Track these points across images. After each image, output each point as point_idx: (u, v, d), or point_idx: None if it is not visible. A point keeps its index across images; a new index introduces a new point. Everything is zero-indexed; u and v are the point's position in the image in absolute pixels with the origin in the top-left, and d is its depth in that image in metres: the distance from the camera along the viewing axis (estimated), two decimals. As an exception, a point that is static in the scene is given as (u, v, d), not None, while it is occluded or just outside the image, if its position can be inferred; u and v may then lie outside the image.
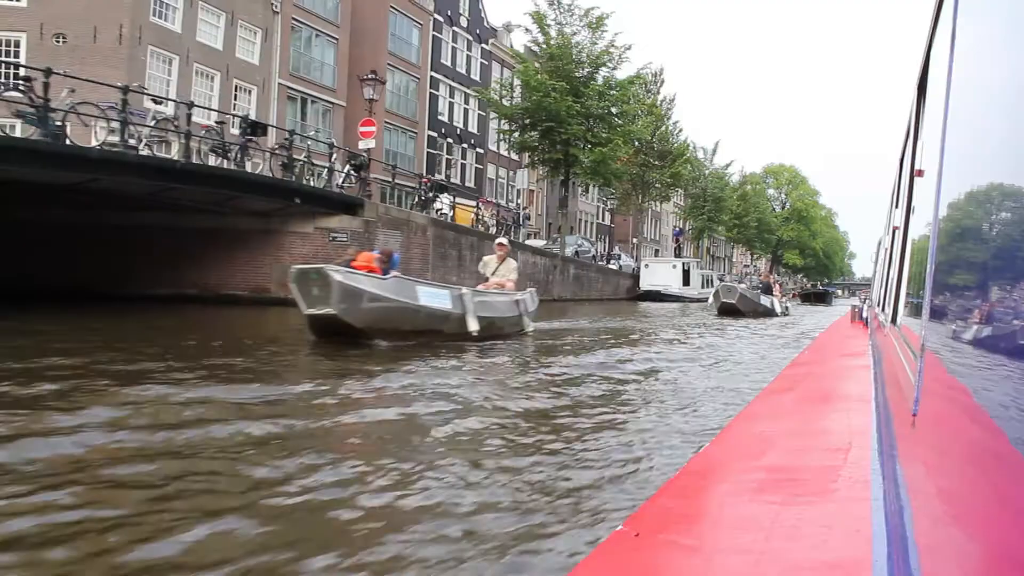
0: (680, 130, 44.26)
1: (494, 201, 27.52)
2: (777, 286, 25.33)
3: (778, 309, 22.89)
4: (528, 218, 29.52)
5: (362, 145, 21.04)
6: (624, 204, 45.70)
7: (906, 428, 1.30)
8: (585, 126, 30.06)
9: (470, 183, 39.95)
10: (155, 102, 14.09)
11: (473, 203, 27.07)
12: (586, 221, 54.11)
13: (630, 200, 44.08)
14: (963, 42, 1.21)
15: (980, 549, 0.64)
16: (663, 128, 42.33)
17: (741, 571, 1.26)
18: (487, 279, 10.55)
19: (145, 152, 13.00)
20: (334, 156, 18.25)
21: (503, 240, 11.40)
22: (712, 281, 43.84)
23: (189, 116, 14.21)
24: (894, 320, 2.83)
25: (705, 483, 1.94)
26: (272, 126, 21.06)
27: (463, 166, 40.16)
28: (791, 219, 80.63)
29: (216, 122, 16.34)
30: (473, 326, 8.92)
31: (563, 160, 30.22)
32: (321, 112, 31.23)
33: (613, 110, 32.26)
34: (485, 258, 11.09)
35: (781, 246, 79.98)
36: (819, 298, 53.78)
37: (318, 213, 17.09)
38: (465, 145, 39.88)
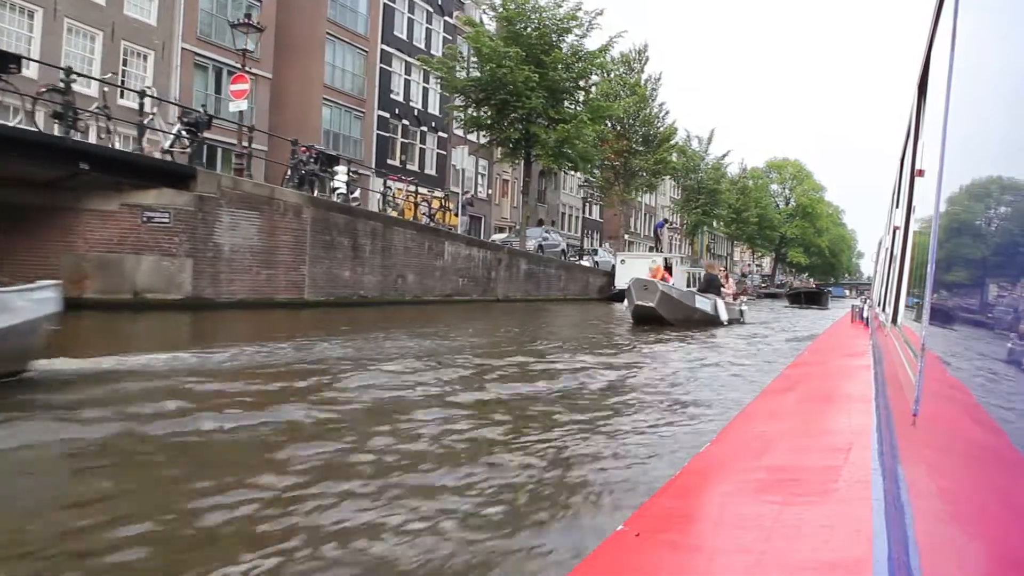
0: (666, 112, 39.04)
1: (411, 179, 22.25)
2: (728, 281, 17.77)
3: (723, 315, 15.88)
4: (471, 204, 24.53)
5: (232, 107, 16.24)
6: (606, 195, 40.44)
7: (907, 428, 1.33)
8: (547, 100, 26.59)
9: (431, 170, 35.09)
10: None
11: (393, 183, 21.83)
12: (570, 215, 49.08)
13: (612, 190, 38.84)
14: (963, 42, 1.25)
15: (981, 549, 0.65)
16: (647, 110, 36.98)
17: (742, 571, 1.27)
18: None
19: None
20: (151, 110, 13.26)
21: None
22: (699, 280, 38.30)
23: None
24: (895, 320, 2.88)
25: (705, 483, 1.93)
26: (28, 59, 15.18)
27: (422, 151, 35.23)
28: (795, 216, 75.58)
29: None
30: None
31: (523, 140, 26.83)
32: (242, 84, 26.14)
33: (581, 83, 28.97)
34: None
35: (785, 244, 74.79)
36: (812, 299, 41.27)
37: (127, 185, 12.42)
38: (424, 128, 35.18)
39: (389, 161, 33.83)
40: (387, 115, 34.09)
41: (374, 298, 18.10)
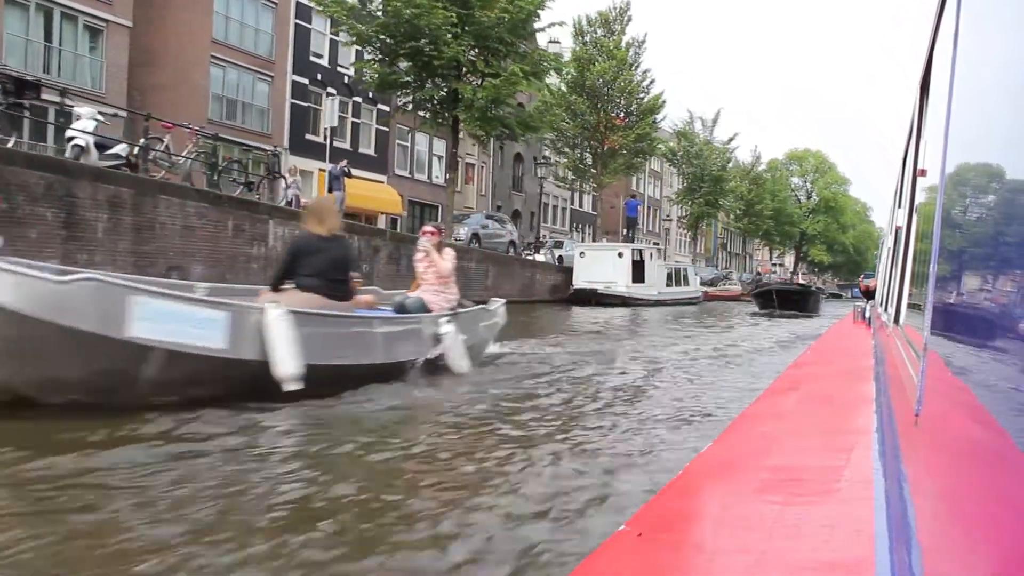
0: (651, 81, 31.97)
1: (196, 128, 15.02)
2: (442, 254, 7.42)
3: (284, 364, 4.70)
4: (348, 174, 18.05)
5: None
6: (585, 179, 33.58)
7: (909, 428, 1.31)
8: (475, 50, 21.31)
9: (367, 149, 28.66)
10: None
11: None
12: (555, 206, 42.35)
13: (588, 173, 32.03)
14: (966, 41, 1.22)
15: (983, 549, 0.65)
16: (626, 76, 30.01)
17: (743, 571, 1.26)
18: None
19: None
20: None
21: None
22: (685, 278, 30.76)
23: None
24: (897, 320, 2.82)
25: (707, 483, 1.89)
26: None
27: (356, 126, 28.79)
28: (818, 211, 67.94)
29: None
30: None
31: (448, 100, 21.60)
32: (86, 32, 20.04)
33: (526, 29, 22.77)
34: None
35: (806, 241, 66.84)
36: (791, 302, 25.61)
37: None
38: (359, 99, 28.46)
39: (309, 136, 27.47)
40: (305, 81, 27.88)
41: (117, 300, 11.61)
